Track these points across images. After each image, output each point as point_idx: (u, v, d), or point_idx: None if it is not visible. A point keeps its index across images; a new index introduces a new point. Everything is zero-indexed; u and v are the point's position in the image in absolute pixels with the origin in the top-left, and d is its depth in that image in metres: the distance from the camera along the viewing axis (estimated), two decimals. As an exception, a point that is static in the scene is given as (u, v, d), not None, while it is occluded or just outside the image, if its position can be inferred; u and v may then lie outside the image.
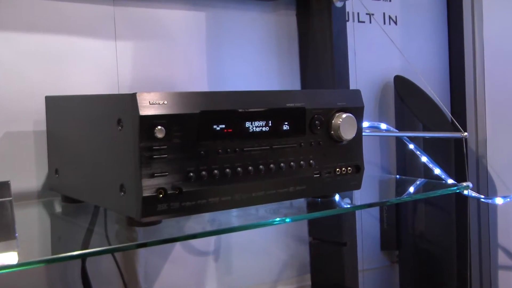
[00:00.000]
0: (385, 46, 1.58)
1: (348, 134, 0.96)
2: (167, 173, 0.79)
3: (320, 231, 1.51)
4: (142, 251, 1.26)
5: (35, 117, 1.12)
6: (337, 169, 0.97)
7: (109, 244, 0.83)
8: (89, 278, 1.12)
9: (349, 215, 1.44)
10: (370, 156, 1.65)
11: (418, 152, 1.32)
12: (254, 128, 0.87)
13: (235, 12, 1.40)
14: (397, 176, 1.61)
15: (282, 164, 0.90)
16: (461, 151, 1.57)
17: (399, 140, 1.63)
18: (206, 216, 0.92)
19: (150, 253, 1.28)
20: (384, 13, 1.68)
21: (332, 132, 0.95)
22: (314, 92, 0.96)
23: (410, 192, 1.22)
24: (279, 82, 1.46)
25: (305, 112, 0.92)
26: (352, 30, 1.58)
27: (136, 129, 0.76)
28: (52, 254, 0.75)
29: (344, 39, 1.43)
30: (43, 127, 1.08)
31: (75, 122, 0.96)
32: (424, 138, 1.58)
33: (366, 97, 1.01)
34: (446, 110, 1.52)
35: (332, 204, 1.03)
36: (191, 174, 0.81)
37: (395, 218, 1.67)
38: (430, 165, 1.28)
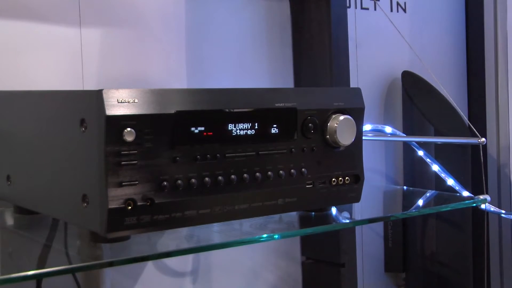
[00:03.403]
0: (391, 37, 1.60)
1: (345, 139, 0.97)
2: (137, 182, 0.80)
3: (315, 250, 1.52)
4: (107, 271, 1.27)
5: (-15, 115, 1.13)
6: (333, 179, 0.98)
7: (70, 263, 0.84)
8: (46, 302, 1.13)
9: (348, 231, 1.45)
10: (374, 163, 1.67)
11: (428, 160, 1.34)
12: (238, 131, 0.89)
13: (219, -4, 1.41)
14: (404, 187, 1.62)
15: (269, 173, 0.91)
16: (478, 160, 1.59)
17: (406, 145, 1.64)
18: (183, 231, 0.93)
19: (117, 274, 1.29)
20: (391, -1, 1.71)
21: (328, 136, 0.96)
22: (307, 90, 0.97)
23: (418, 206, 1.23)
24: (269, 79, 1.47)
25: (297, 114, 0.93)
26: (354, 18, 1.60)
27: (102, 131, 0.77)
28: (2, 274, 0.76)
29: (344, 28, 1.44)
30: (-6, 126, 1.08)
31: (31, 122, 0.97)
32: (435, 144, 1.59)
33: (369, 96, 1.03)
34: (461, 113, 1.54)
35: (328, 219, 1.04)
36: (165, 183, 0.82)
37: (402, 236, 1.69)
38: (442, 175, 1.30)
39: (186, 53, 1.36)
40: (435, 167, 1.32)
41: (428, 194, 1.32)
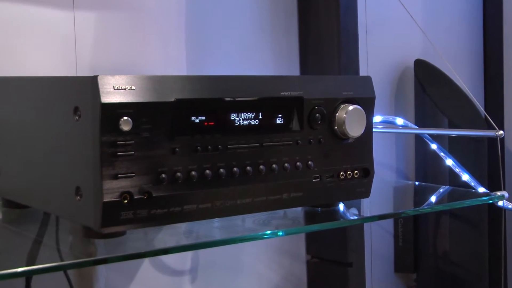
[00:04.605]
0: (404, 23, 1.60)
1: (355, 130, 0.97)
2: (133, 174, 0.80)
3: (320, 248, 1.53)
4: (101, 268, 1.27)
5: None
6: (341, 173, 0.98)
7: (61, 260, 0.85)
8: (36, 301, 1.13)
9: (356, 229, 1.46)
10: (384, 157, 1.67)
11: (442, 154, 1.34)
12: (241, 121, 0.89)
13: (221, -22, 1.41)
14: (416, 182, 1.62)
15: (274, 165, 0.91)
16: (495, 153, 1.59)
17: (419, 138, 1.64)
18: (182, 227, 0.93)
19: (111, 271, 1.29)
20: (404, -18, 1.70)
21: (336, 127, 0.97)
22: (314, 78, 0.97)
23: (431, 202, 1.24)
24: (274, 67, 1.48)
25: (303, 103, 0.93)
26: (364, 2, 1.60)
27: (97, 119, 0.78)
28: (-10, 271, 0.76)
29: (354, 13, 1.44)
30: (-18, 115, 1.09)
31: (21, 110, 0.97)
32: (450, 136, 1.59)
33: (379, 85, 1.03)
34: (478, 103, 1.54)
35: (335, 215, 1.04)
36: (163, 175, 0.82)
37: (413, 234, 1.69)
38: (457, 170, 1.30)
39: (186, 39, 1.36)
40: (449, 161, 1.32)
41: (441, 190, 1.33)
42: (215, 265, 1.42)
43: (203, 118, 0.85)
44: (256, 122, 0.90)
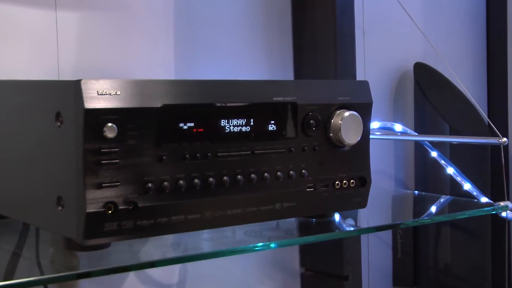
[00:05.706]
0: (403, 24, 1.60)
1: (351, 137, 0.97)
2: (118, 183, 0.80)
3: (315, 261, 1.53)
4: (84, 282, 1.27)
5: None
6: (337, 182, 0.98)
7: (42, 274, 0.84)
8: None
9: (353, 240, 1.46)
10: (381, 165, 1.67)
11: (442, 162, 1.34)
12: (232, 127, 0.89)
13: (211, -23, 1.41)
14: (416, 191, 1.63)
15: (266, 174, 0.92)
16: (499, 162, 1.59)
17: (418, 145, 1.65)
18: (169, 238, 0.93)
19: (94, 285, 1.29)
20: (403, -18, 1.71)
21: (331, 134, 0.97)
22: (308, 83, 0.98)
23: (431, 213, 1.24)
24: (266, 70, 1.48)
25: (297, 109, 0.94)
26: (361, 2, 1.60)
27: (80, 126, 0.78)
28: (-35, 286, 0.76)
29: (351, 14, 1.45)
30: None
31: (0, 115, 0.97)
32: (451, 144, 1.60)
33: (377, 90, 1.03)
34: (480, 109, 1.54)
35: (330, 226, 1.05)
36: (149, 185, 0.82)
37: (412, 246, 1.69)
38: (458, 179, 1.30)
39: (174, 41, 1.36)
40: (450, 170, 1.32)
41: (442, 200, 1.33)
42: (204, 278, 1.42)
43: (192, 124, 0.86)
44: (248, 128, 0.90)
